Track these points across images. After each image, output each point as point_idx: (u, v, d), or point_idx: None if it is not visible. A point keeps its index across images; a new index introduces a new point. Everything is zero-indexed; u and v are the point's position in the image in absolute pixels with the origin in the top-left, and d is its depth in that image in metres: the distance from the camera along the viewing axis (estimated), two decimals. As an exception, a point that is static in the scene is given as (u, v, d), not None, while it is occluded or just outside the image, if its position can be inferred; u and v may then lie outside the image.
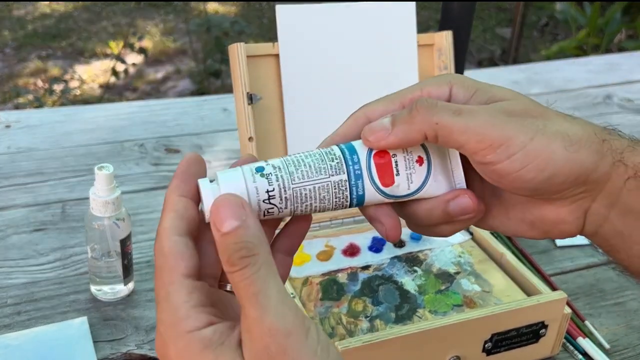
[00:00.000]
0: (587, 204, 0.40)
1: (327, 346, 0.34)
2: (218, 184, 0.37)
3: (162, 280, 0.35)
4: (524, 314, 0.67)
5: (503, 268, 0.76)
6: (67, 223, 0.90)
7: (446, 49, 0.81)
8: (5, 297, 0.77)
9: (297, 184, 0.38)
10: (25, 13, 3.73)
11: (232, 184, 0.37)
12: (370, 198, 0.40)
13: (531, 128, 0.38)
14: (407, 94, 0.42)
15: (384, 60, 0.79)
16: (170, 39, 3.52)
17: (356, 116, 0.43)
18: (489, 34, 3.90)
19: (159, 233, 0.36)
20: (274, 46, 0.75)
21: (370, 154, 0.39)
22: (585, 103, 1.33)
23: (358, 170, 0.39)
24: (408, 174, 0.40)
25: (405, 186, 0.40)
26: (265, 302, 0.33)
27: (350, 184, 0.39)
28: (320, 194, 0.38)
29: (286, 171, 0.38)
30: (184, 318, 0.34)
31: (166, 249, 0.36)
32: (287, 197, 0.38)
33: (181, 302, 0.35)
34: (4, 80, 3.05)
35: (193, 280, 0.35)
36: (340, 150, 0.39)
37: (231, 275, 0.34)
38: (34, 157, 1.04)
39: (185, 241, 0.36)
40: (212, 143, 1.11)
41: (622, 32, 3.30)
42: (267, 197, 0.37)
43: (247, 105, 0.72)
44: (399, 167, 0.40)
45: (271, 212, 0.38)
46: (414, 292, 0.72)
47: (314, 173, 0.38)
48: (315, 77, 0.77)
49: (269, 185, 0.37)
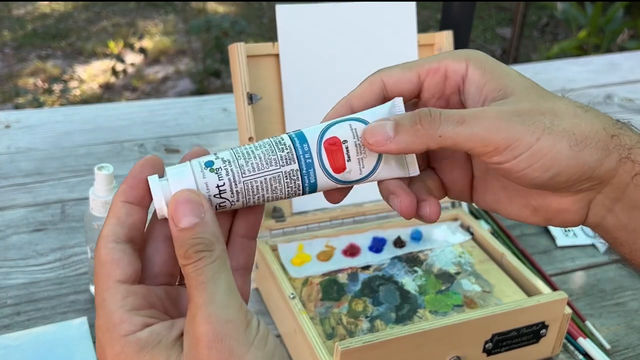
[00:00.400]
0: (592, 195, 0.40)
1: (265, 337, 0.35)
2: (167, 181, 0.37)
3: (99, 287, 0.36)
4: (525, 314, 0.67)
5: (503, 268, 0.76)
6: (67, 223, 0.89)
7: (446, 48, 0.81)
8: (4, 298, 0.76)
9: (248, 177, 0.38)
10: (25, 13, 3.73)
11: (181, 180, 0.37)
12: (323, 185, 0.40)
13: (538, 127, 0.37)
14: (425, 64, 0.42)
15: (384, 60, 0.79)
16: (170, 39, 3.52)
17: (372, 80, 0.42)
18: (489, 33, 3.90)
19: (98, 240, 0.37)
20: (274, 46, 0.75)
21: (321, 141, 0.39)
22: (586, 103, 1.33)
23: (309, 158, 0.39)
24: (359, 158, 0.40)
25: (357, 171, 0.40)
26: (212, 290, 0.34)
27: (302, 172, 0.39)
28: (271, 185, 0.38)
29: (236, 164, 0.37)
30: (119, 323, 0.35)
31: (102, 256, 0.36)
32: (238, 190, 0.37)
33: (116, 308, 0.35)
34: (4, 80, 3.05)
35: (129, 285, 0.36)
36: (291, 140, 0.39)
37: (185, 267, 0.35)
38: (34, 157, 1.04)
39: (122, 247, 0.37)
40: (212, 143, 1.11)
41: (623, 32, 3.30)
42: (218, 192, 0.37)
43: (247, 105, 0.72)
44: (350, 153, 0.39)
45: (223, 205, 0.38)
46: (414, 292, 0.72)
47: (265, 165, 0.38)
48: (315, 77, 0.77)
49: (219, 180, 0.37)
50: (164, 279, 0.39)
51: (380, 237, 0.78)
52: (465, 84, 0.41)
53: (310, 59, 0.76)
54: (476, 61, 0.41)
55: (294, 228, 0.77)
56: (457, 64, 0.41)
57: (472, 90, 0.41)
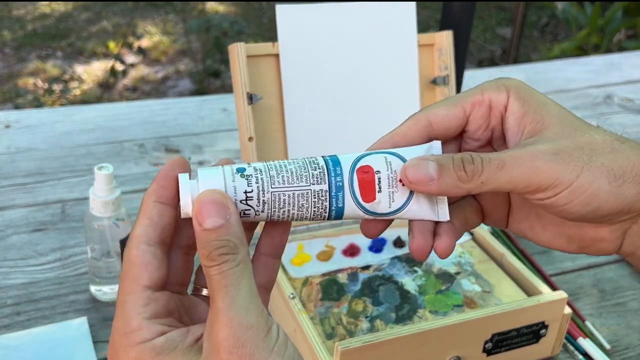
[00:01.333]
0: (627, 226, 0.41)
1: (285, 343, 0.35)
2: (197, 181, 0.37)
3: (123, 288, 0.36)
4: (525, 314, 0.67)
5: (503, 268, 0.76)
6: (67, 223, 0.89)
7: (446, 48, 0.81)
8: (4, 298, 0.76)
9: (277, 188, 0.37)
10: (24, 13, 3.73)
11: (210, 181, 0.37)
12: (349, 212, 0.39)
13: (577, 164, 0.38)
14: (469, 98, 0.42)
15: (384, 60, 0.79)
16: (170, 39, 3.52)
17: (417, 118, 0.42)
18: (489, 33, 3.90)
19: (129, 240, 0.37)
20: (274, 46, 0.75)
21: (354, 168, 0.39)
22: (586, 103, 1.33)
23: (340, 182, 0.39)
24: (390, 192, 0.39)
25: (387, 204, 0.39)
26: (234, 295, 0.34)
27: (331, 194, 0.38)
28: (298, 201, 0.38)
29: (267, 174, 0.37)
30: (137, 329, 0.35)
31: (132, 257, 0.36)
32: (264, 200, 0.37)
33: (136, 314, 0.35)
34: (4, 80, 3.05)
35: (153, 291, 0.36)
36: (324, 161, 0.39)
37: (207, 269, 0.34)
38: (34, 157, 1.04)
39: (153, 251, 0.36)
40: (212, 143, 1.11)
41: (622, 32, 3.30)
42: (245, 197, 0.37)
43: (247, 105, 0.72)
44: (381, 184, 0.39)
45: (247, 213, 0.37)
46: (414, 292, 0.72)
47: (295, 180, 0.38)
48: (315, 77, 0.77)
49: (247, 186, 0.37)
50: (175, 287, 0.39)
51: (380, 237, 0.78)
52: (506, 114, 0.42)
53: (310, 59, 0.76)
54: (516, 91, 0.41)
55: (294, 228, 0.77)
56: (499, 95, 0.41)
57: (512, 120, 0.41)
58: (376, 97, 0.79)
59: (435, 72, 0.82)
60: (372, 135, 0.43)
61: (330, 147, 0.77)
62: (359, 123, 0.78)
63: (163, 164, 1.04)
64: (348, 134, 0.77)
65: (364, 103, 0.78)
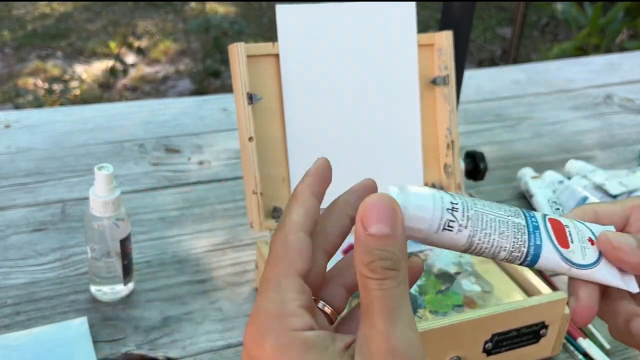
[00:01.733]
0: None
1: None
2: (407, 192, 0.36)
3: (276, 271, 0.35)
4: (525, 314, 0.67)
5: (503, 268, 0.76)
6: (67, 223, 0.89)
7: (446, 48, 0.81)
8: (4, 298, 0.76)
9: (479, 209, 0.37)
10: (24, 13, 3.73)
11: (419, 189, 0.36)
12: (547, 253, 0.39)
13: None
14: (628, 202, 0.44)
15: (384, 59, 0.79)
16: (170, 39, 3.52)
17: (585, 209, 0.43)
18: (489, 33, 3.90)
19: (286, 224, 0.36)
20: (274, 46, 0.75)
21: (545, 216, 0.40)
22: (586, 103, 1.33)
23: (535, 222, 0.39)
24: (582, 246, 0.40)
25: (580, 255, 0.39)
26: (397, 320, 0.32)
27: (529, 230, 0.38)
28: (499, 226, 0.37)
29: (466, 199, 0.37)
30: (291, 315, 0.33)
31: (290, 242, 0.35)
32: (469, 215, 0.36)
33: (291, 298, 0.34)
34: (4, 80, 3.05)
35: (303, 282, 0.35)
36: (516, 206, 0.40)
37: (366, 280, 0.33)
38: (34, 157, 1.04)
39: (308, 241, 0.36)
40: (212, 143, 1.11)
41: (623, 32, 3.30)
42: (451, 207, 0.36)
43: (247, 105, 0.72)
44: (572, 237, 0.40)
45: (451, 226, 0.36)
46: (414, 292, 0.72)
47: (494, 209, 0.38)
48: (315, 77, 0.77)
49: (453, 198, 0.37)
50: None
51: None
52: None
53: (310, 59, 0.76)
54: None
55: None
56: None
57: None
58: (376, 97, 0.79)
59: (435, 72, 0.82)
60: (372, 135, 0.43)
61: (330, 147, 0.77)
62: (359, 123, 0.78)
63: (163, 163, 1.04)
64: (348, 133, 0.77)
65: (364, 103, 0.78)
